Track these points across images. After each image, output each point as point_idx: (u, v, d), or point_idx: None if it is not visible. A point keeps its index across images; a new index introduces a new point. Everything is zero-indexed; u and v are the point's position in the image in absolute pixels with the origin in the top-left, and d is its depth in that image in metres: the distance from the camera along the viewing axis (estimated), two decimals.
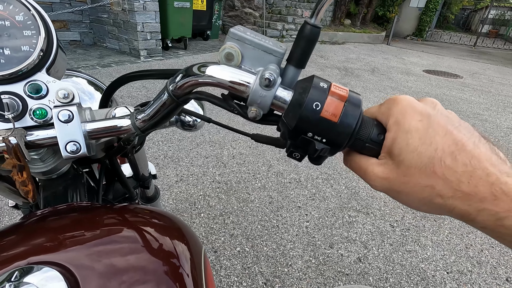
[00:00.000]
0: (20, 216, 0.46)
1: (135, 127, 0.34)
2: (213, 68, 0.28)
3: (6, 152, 0.29)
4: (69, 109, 0.31)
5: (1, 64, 0.30)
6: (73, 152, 0.31)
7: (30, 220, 0.36)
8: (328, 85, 0.27)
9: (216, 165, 2.25)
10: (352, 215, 1.88)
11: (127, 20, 4.74)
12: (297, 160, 0.30)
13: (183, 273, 0.32)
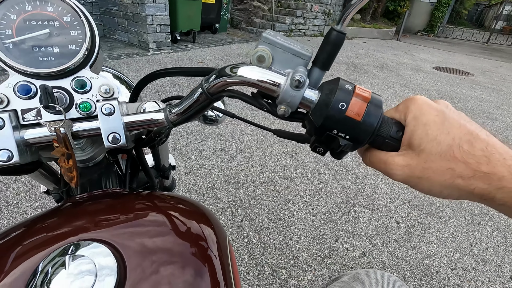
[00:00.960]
0: (48, 201, 0.50)
1: (168, 120, 0.37)
2: (246, 69, 0.31)
3: (55, 141, 0.32)
4: (111, 103, 0.34)
5: (51, 61, 0.33)
6: (114, 143, 0.34)
7: (72, 203, 0.40)
8: (353, 87, 0.29)
9: (224, 159, 2.29)
10: (358, 210, 1.90)
11: (136, 12, 4.76)
12: (320, 154, 0.33)
13: (211, 255, 0.35)
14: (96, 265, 0.28)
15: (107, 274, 0.28)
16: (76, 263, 0.28)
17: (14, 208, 1.61)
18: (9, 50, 0.32)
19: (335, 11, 9.28)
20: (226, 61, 4.88)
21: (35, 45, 0.33)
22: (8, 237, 0.35)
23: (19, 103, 0.33)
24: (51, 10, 0.33)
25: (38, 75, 0.33)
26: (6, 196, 1.68)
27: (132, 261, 0.30)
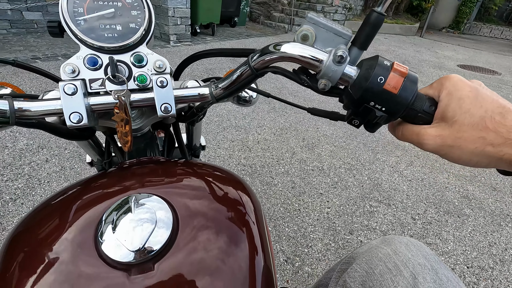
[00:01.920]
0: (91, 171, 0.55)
1: (212, 95, 0.40)
2: (291, 45, 0.34)
3: (117, 107, 0.37)
4: (165, 77, 0.38)
5: (115, 38, 0.38)
6: (166, 112, 0.39)
7: (124, 166, 0.45)
8: (391, 63, 0.32)
9: (242, 149, 2.33)
10: (374, 205, 1.91)
11: (159, 5, 4.85)
12: (355, 127, 0.36)
13: (249, 220, 0.39)
14: (156, 214, 0.32)
15: (164, 224, 0.32)
16: (139, 211, 0.32)
17: (46, 186, 1.72)
18: (81, 26, 0.37)
19: (356, 6, 9.07)
20: None
21: (102, 22, 0.37)
22: (71, 191, 0.40)
23: (87, 73, 0.37)
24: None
25: (103, 49, 0.37)
26: (39, 175, 1.79)
27: (183, 216, 0.34)
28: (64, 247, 0.31)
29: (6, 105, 0.33)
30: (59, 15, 0.36)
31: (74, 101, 0.35)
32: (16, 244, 0.34)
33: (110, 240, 0.30)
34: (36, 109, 0.35)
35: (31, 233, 0.34)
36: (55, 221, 0.34)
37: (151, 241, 0.30)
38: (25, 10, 4.59)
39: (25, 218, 0.37)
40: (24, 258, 0.32)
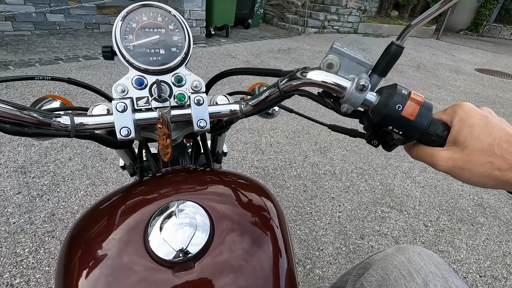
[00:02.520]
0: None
1: (242, 112, 0.45)
2: (318, 73, 0.38)
3: (160, 123, 0.42)
4: (201, 96, 0.43)
5: (159, 61, 0.43)
6: (201, 128, 0.43)
7: (161, 174, 0.50)
8: (408, 92, 0.36)
9: (255, 151, 2.38)
10: (385, 210, 1.92)
11: (175, 7, 4.96)
12: (374, 146, 0.40)
13: (274, 225, 0.43)
14: (196, 219, 0.37)
15: (202, 228, 0.36)
16: (181, 215, 0.37)
17: (69, 183, 1.81)
18: (130, 51, 0.42)
19: (371, 7, 8.99)
20: (258, 57, 4.95)
21: (148, 47, 0.42)
22: (116, 197, 0.45)
23: (134, 92, 0.42)
24: (160, 20, 0.43)
25: (148, 71, 0.42)
26: (63, 172, 1.89)
27: (217, 221, 0.39)
28: (117, 245, 0.36)
29: (68, 120, 0.39)
30: (112, 41, 0.42)
31: (124, 117, 0.40)
32: (74, 243, 0.39)
33: (157, 240, 0.35)
34: (92, 123, 0.40)
35: (86, 233, 0.39)
36: (106, 223, 0.39)
37: (192, 243, 0.35)
38: (49, 12, 4.78)
39: (79, 220, 0.42)
40: (82, 254, 0.37)
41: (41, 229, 1.49)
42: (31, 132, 0.37)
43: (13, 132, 0.36)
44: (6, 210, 1.57)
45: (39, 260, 1.34)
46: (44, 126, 0.37)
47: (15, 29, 4.63)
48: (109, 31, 5.56)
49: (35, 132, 0.37)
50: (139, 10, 0.42)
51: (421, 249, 0.53)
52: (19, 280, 1.25)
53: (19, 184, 1.75)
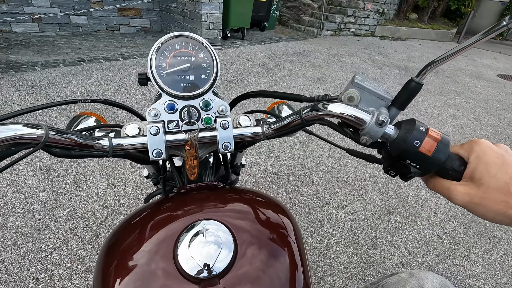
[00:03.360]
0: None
1: (264, 135, 0.48)
2: (338, 105, 0.40)
3: (188, 145, 0.45)
4: (227, 120, 0.46)
5: (189, 87, 0.46)
6: (226, 149, 0.46)
7: (186, 191, 0.53)
8: (426, 129, 0.37)
9: (268, 156, 2.40)
10: (399, 220, 1.90)
11: (193, 10, 5.05)
12: (391, 176, 0.42)
13: (291, 242, 0.45)
14: (221, 238, 0.40)
15: (227, 247, 0.39)
16: (208, 234, 0.40)
17: (90, 183, 1.89)
18: (163, 78, 0.45)
19: (389, 10, 8.83)
20: (273, 60, 4.97)
21: (179, 74, 0.46)
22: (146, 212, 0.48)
23: (166, 116, 0.46)
24: (191, 49, 0.46)
25: (178, 97, 0.46)
26: (84, 172, 1.98)
27: (240, 240, 0.41)
28: (148, 258, 0.40)
29: (107, 142, 0.42)
30: (147, 68, 0.45)
31: (156, 140, 0.44)
32: (110, 253, 0.43)
33: (185, 257, 0.38)
34: (128, 144, 0.44)
35: (120, 244, 0.43)
36: (139, 236, 0.43)
37: (218, 260, 0.38)
38: (73, 14, 4.97)
39: (115, 232, 0.46)
40: (117, 264, 0.41)
41: (64, 226, 1.57)
42: (76, 154, 0.41)
43: (61, 155, 0.40)
44: (32, 207, 1.66)
45: (62, 256, 1.41)
46: (87, 148, 0.41)
47: (41, 30, 4.84)
48: (129, 33, 5.72)
49: (80, 154, 0.41)
50: (172, 40, 0.45)
51: (434, 275, 0.54)
52: (44, 274, 1.33)
53: (44, 182, 1.84)
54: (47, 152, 0.39)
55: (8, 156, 0.35)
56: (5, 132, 0.33)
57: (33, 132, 0.35)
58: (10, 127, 0.34)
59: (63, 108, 2.67)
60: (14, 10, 4.51)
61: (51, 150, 0.38)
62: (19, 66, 3.49)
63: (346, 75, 4.72)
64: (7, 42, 4.30)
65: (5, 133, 0.33)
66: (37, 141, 0.35)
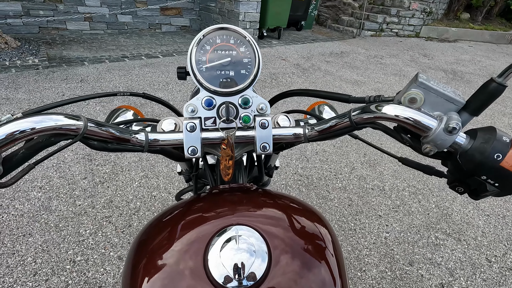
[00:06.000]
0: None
1: (305, 137, 0.44)
2: (397, 108, 0.35)
3: (224, 144, 0.42)
4: (267, 119, 0.43)
5: (228, 83, 0.43)
6: (264, 151, 0.43)
7: (218, 191, 0.51)
8: (511, 139, 0.31)
9: (299, 158, 2.34)
10: (440, 237, 1.74)
11: (231, 9, 5.11)
12: (458, 193, 0.35)
13: (329, 251, 0.41)
14: (254, 247, 0.36)
15: (261, 257, 0.36)
16: (241, 241, 0.37)
17: (126, 174, 1.97)
18: (202, 72, 0.43)
19: (437, 9, 8.24)
20: (309, 60, 4.86)
21: (219, 69, 0.43)
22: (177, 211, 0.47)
23: (203, 112, 0.44)
24: (232, 42, 0.43)
25: (217, 92, 0.43)
26: (121, 163, 2.07)
27: (274, 249, 0.38)
28: (178, 259, 0.38)
29: (143, 136, 0.41)
30: (187, 62, 0.43)
31: (192, 137, 0.42)
32: (141, 249, 0.41)
33: (216, 263, 0.35)
34: (164, 140, 0.43)
35: (151, 242, 0.42)
36: (170, 235, 0.41)
37: (250, 270, 0.35)
38: (120, 13, 5.27)
39: (146, 228, 0.45)
40: (147, 261, 0.39)
41: (100, 213, 1.65)
42: (112, 147, 0.40)
43: (99, 148, 0.39)
44: (74, 193, 1.77)
45: (97, 242, 1.48)
46: (124, 142, 0.40)
47: (91, 28, 5.20)
48: (169, 31, 5.95)
49: (116, 148, 0.40)
50: (214, 33, 0.43)
51: None
52: (80, 258, 1.40)
53: (86, 170, 1.96)
54: (85, 144, 0.38)
55: (48, 146, 0.35)
56: (46, 122, 0.33)
57: (73, 123, 0.35)
58: (51, 117, 0.33)
59: (106, 101, 2.83)
60: (69, 9, 4.89)
61: (89, 142, 0.38)
62: (70, 61, 3.78)
63: (386, 77, 4.47)
64: (62, 39, 4.67)
65: (46, 123, 0.33)
66: (75, 132, 0.35)
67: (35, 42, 4.29)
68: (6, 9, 4.43)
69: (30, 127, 0.32)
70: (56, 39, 4.65)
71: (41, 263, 1.36)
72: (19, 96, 2.80)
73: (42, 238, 1.48)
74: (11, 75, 3.21)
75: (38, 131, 0.32)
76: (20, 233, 1.49)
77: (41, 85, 3.05)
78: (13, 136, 0.31)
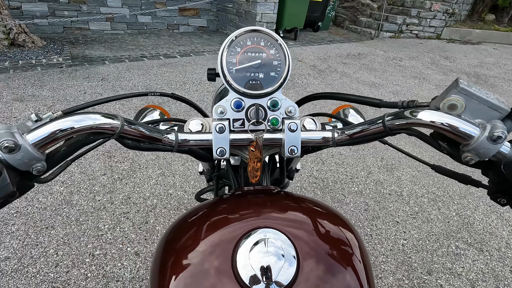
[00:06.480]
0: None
1: (334, 141, 0.43)
2: (435, 114, 0.34)
3: (253, 146, 0.42)
4: (296, 122, 0.43)
5: (258, 85, 0.43)
6: (292, 154, 0.43)
7: (242, 193, 0.51)
8: None
9: (315, 161, 2.32)
10: (461, 247, 1.68)
11: (248, 10, 5.13)
12: (500, 205, 0.34)
13: (357, 257, 0.40)
14: (283, 251, 0.36)
15: (290, 261, 0.36)
16: (270, 245, 0.36)
17: (144, 171, 2.01)
18: (232, 74, 0.43)
19: (461, 10, 7.98)
20: (325, 61, 4.81)
21: (248, 71, 0.43)
22: (203, 212, 0.47)
23: (232, 114, 0.44)
24: (262, 45, 0.43)
25: (246, 94, 0.43)
26: (139, 160, 2.11)
27: (302, 253, 0.37)
28: (205, 259, 0.38)
29: (173, 136, 0.42)
30: (217, 64, 0.44)
31: (221, 138, 0.42)
32: (168, 249, 0.42)
33: (244, 264, 0.35)
34: (193, 140, 0.43)
35: (178, 241, 0.42)
36: (195, 235, 0.41)
37: (280, 274, 0.34)
38: (140, 14, 5.40)
39: (173, 228, 0.46)
40: (174, 260, 0.40)
41: (118, 209, 1.69)
42: (145, 146, 0.41)
43: (132, 147, 0.40)
44: (93, 188, 1.82)
45: (115, 237, 1.52)
46: (156, 142, 0.41)
47: (112, 29, 5.35)
48: (187, 32, 6.03)
49: (148, 147, 0.41)
50: (244, 35, 0.43)
51: None
52: (99, 252, 1.44)
53: (105, 167, 2.01)
54: (120, 142, 0.39)
55: (87, 144, 0.36)
56: (85, 121, 0.34)
57: (110, 122, 0.35)
58: (90, 116, 0.35)
59: (125, 100, 2.90)
60: (92, 10, 5.05)
61: (124, 141, 0.39)
62: (92, 60, 3.90)
63: (405, 80, 4.36)
64: (85, 39, 4.83)
65: (85, 122, 0.34)
66: (112, 131, 0.36)
67: (60, 41, 4.45)
68: (33, 9, 4.63)
69: (71, 126, 0.33)
70: (79, 38, 4.81)
71: (62, 255, 1.41)
72: (44, 93, 2.91)
73: (64, 231, 1.53)
74: (37, 73, 3.34)
75: (79, 129, 0.33)
76: (43, 225, 1.55)
77: (64, 83, 3.17)
78: (55, 134, 0.32)
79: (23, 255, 1.39)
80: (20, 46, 3.92)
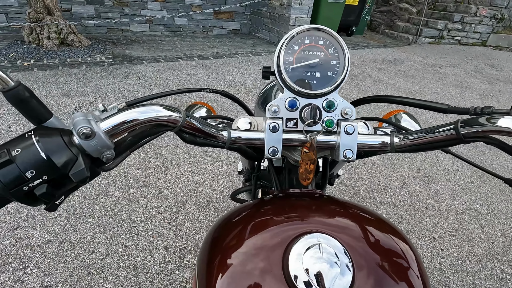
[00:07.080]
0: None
1: (392, 146, 0.40)
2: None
3: (306, 147, 0.41)
4: (353, 124, 0.41)
5: (314, 84, 0.42)
6: (347, 158, 0.41)
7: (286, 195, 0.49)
8: None
9: (345, 167, 2.24)
10: (507, 271, 1.53)
11: (282, 13, 5.13)
12: None
13: (414, 270, 0.37)
14: (338, 257, 0.34)
15: (345, 269, 0.34)
16: (325, 251, 0.35)
17: (175, 168, 2.07)
18: (288, 73, 0.42)
19: (510, 16, 7.40)
20: (359, 67, 4.68)
21: (305, 70, 0.42)
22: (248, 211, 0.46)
23: (285, 113, 0.43)
24: (321, 43, 0.42)
25: (301, 94, 0.42)
26: (171, 157, 2.18)
27: (357, 263, 0.35)
28: (253, 259, 0.37)
29: (227, 133, 0.42)
30: (273, 62, 0.43)
31: (274, 137, 0.41)
32: (214, 247, 0.42)
33: (297, 268, 0.34)
34: (245, 138, 0.43)
35: (223, 240, 0.42)
36: (242, 235, 0.41)
37: (336, 284, 0.33)
38: (177, 17, 5.60)
39: (216, 227, 0.45)
40: (221, 258, 0.39)
41: (151, 203, 1.75)
42: (200, 141, 0.41)
43: (188, 141, 0.40)
44: (128, 181, 1.90)
45: (146, 230, 1.57)
46: (211, 138, 0.41)
47: (151, 30, 5.60)
48: (220, 34, 6.16)
49: (203, 142, 0.41)
50: (304, 33, 0.42)
51: None
52: (131, 243, 1.50)
53: (140, 161, 2.09)
54: (178, 135, 0.40)
55: (150, 135, 0.37)
56: (149, 113, 0.35)
57: (172, 114, 0.36)
58: (153, 108, 0.35)
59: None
60: (133, 12, 5.33)
61: (182, 134, 0.39)
62: (131, 60, 4.10)
63: (445, 88, 4.12)
64: (125, 39, 5.10)
65: (149, 114, 0.35)
66: (174, 124, 0.36)
67: (103, 41, 4.74)
68: (81, 11, 4.98)
69: (136, 117, 0.34)
70: (120, 39, 5.09)
71: (98, 243, 1.48)
72: (88, 89, 3.11)
73: (100, 220, 1.60)
74: (82, 70, 3.58)
75: (145, 120, 0.34)
76: (82, 213, 1.64)
77: (106, 80, 3.36)
78: (125, 124, 0.33)
79: (63, 240, 1.47)
80: (69, 45, 4.22)
